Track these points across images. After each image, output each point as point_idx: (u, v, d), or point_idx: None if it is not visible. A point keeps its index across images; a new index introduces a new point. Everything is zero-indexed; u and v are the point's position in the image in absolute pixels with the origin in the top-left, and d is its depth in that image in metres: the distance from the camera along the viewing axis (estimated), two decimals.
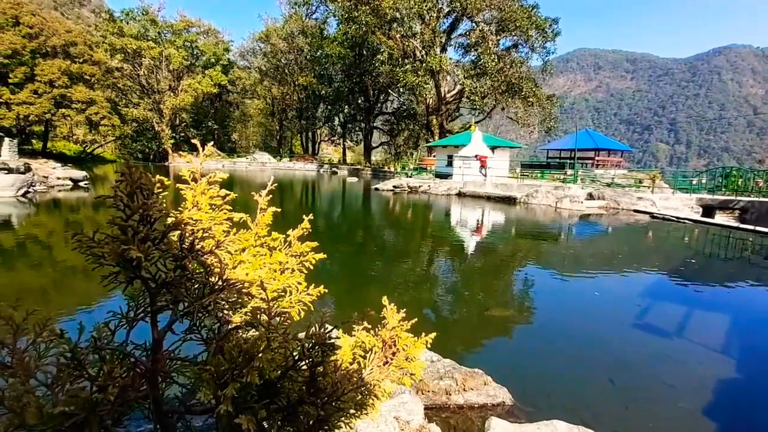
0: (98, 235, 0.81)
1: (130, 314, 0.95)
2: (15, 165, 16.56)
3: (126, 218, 0.79)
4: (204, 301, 0.86)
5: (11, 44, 28.10)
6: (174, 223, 0.86)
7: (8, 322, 0.76)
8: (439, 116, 39.75)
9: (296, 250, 1.35)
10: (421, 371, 1.03)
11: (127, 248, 0.71)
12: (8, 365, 0.73)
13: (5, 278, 6.50)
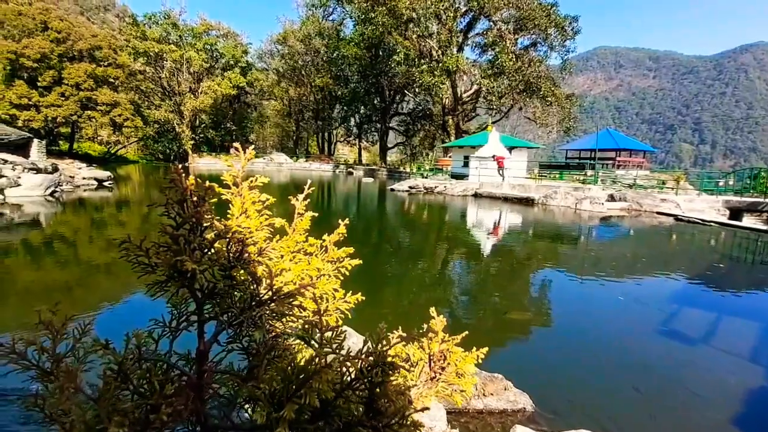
0: (145, 243, 0.79)
1: (173, 323, 0.92)
2: (43, 165, 17.15)
3: (177, 227, 0.77)
4: (254, 313, 0.83)
5: (40, 48, 29.16)
6: (223, 232, 0.83)
7: (48, 326, 0.75)
8: (455, 116, 39.48)
9: (332, 256, 1.31)
10: (472, 388, 0.96)
11: (181, 259, 0.69)
12: (48, 371, 0.72)
13: (34, 275, 6.73)
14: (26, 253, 8.10)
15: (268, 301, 0.83)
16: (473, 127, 44.76)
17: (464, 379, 0.85)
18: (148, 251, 0.77)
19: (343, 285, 1.37)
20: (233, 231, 0.83)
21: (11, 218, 11.04)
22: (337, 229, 1.40)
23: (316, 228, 1.59)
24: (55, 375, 0.71)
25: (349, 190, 27.18)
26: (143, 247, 0.76)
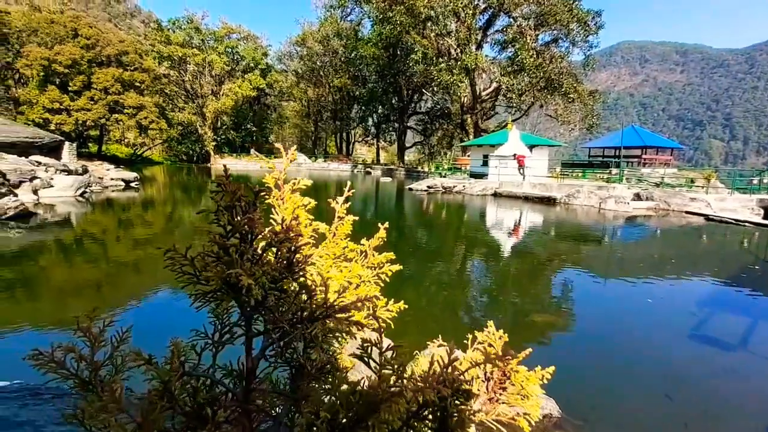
0: (190, 252, 0.76)
1: (215, 335, 0.87)
2: (74, 167, 17.83)
3: (227, 235, 0.73)
4: (308, 329, 0.76)
5: (71, 55, 30.30)
6: (275, 240, 0.76)
7: (86, 333, 0.73)
8: (474, 115, 39.04)
9: (373, 262, 1.26)
10: (539, 411, 0.82)
11: (235, 273, 0.64)
12: (87, 381, 0.70)
13: (66, 273, 6.98)
14: (59, 251, 8.42)
15: (322, 315, 0.76)
16: (492, 125, 44.18)
17: (529, 401, 0.73)
18: (194, 260, 0.73)
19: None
20: (284, 239, 0.77)
21: (45, 218, 11.51)
22: (377, 233, 1.34)
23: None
24: (93, 385, 0.69)
25: (367, 190, 27.24)
26: (188, 257, 0.73)
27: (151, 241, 9.88)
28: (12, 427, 0.96)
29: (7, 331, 4.55)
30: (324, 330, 0.76)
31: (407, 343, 4.33)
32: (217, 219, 0.71)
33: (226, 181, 0.69)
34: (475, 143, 31.21)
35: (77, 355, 0.68)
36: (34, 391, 1.34)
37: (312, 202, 1.09)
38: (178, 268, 0.74)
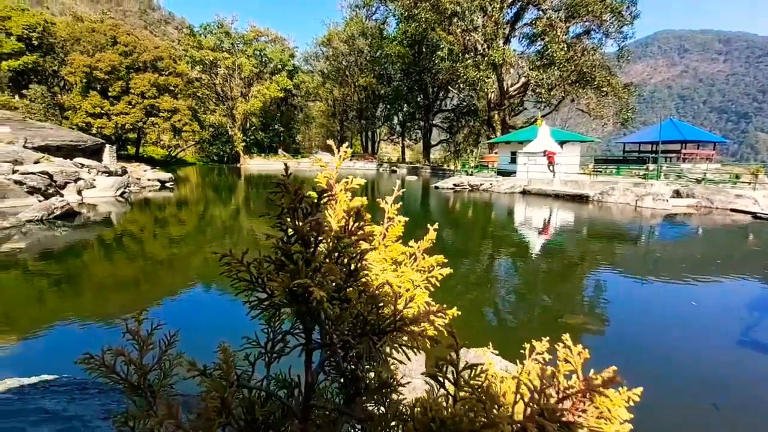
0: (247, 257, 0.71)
1: (268, 345, 0.81)
2: (114, 168, 18.72)
3: (289, 240, 0.66)
4: (378, 344, 0.67)
5: (110, 62, 31.82)
6: (341, 245, 0.67)
7: (134, 336, 0.72)
8: (501, 111, 38.25)
9: (423, 265, 1.18)
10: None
11: (303, 283, 0.57)
12: (136, 385, 0.69)
13: (107, 269, 7.33)
14: (101, 249, 8.86)
15: (391, 327, 0.66)
16: (520, 121, 43.14)
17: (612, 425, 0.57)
18: (250, 266, 0.69)
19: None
20: (348, 244, 0.68)
21: (88, 217, 12.14)
22: (427, 235, 1.27)
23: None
24: (142, 389, 0.67)
25: (391, 189, 27.22)
26: (245, 262, 0.68)
27: (185, 239, 10.24)
28: (62, 421, 0.99)
29: (54, 325, 4.82)
30: (393, 344, 0.66)
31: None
32: (280, 223, 0.63)
33: (286, 180, 0.62)
34: (502, 140, 30.57)
35: (126, 359, 0.66)
36: (81, 385, 1.39)
37: (363, 200, 1.03)
38: (234, 274, 0.69)
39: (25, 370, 3.69)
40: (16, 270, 6.86)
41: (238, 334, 0.85)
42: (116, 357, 0.67)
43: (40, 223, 10.22)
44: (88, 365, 0.66)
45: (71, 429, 0.95)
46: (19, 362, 3.92)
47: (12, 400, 1.17)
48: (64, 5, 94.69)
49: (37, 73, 33.25)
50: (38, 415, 1.02)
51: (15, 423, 0.95)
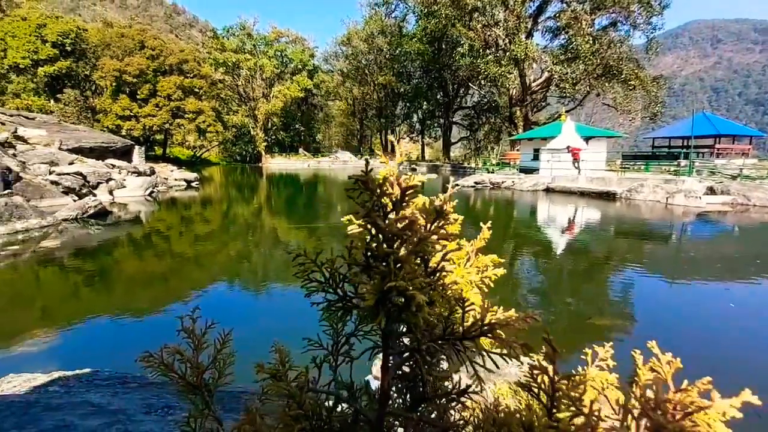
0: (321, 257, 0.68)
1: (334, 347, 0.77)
2: (143, 169, 19.35)
3: (377, 239, 0.60)
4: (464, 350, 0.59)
5: (139, 65, 32.87)
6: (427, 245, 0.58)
7: (190, 335, 0.72)
8: (523, 107, 37.52)
9: (477, 265, 1.13)
10: None
11: (398, 286, 0.53)
12: (195, 385, 0.68)
13: (138, 266, 7.58)
14: (132, 246, 9.17)
15: (476, 332, 0.58)
16: (543, 117, 42.20)
17: None
18: (323, 267, 0.66)
19: None
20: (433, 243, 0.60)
21: (119, 216, 12.59)
22: (480, 234, 1.21)
23: None
24: (199, 388, 0.66)
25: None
26: (318, 262, 0.66)
27: (211, 236, 10.49)
28: (107, 414, 1.02)
29: (90, 319, 5.01)
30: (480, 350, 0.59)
31: None
32: (368, 223, 0.57)
33: (368, 177, 0.56)
34: (525, 137, 29.98)
35: (185, 359, 0.65)
36: (122, 379, 1.43)
37: (421, 198, 0.95)
38: (308, 274, 0.66)
39: (65, 362, 3.85)
40: (53, 266, 7.18)
41: (272, 331, 0.84)
42: (173, 355, 0.66)
43: (75, 221, 10.66)
44: (147, 363, 0.65)
45: (117, 422, 0.97)
46: (59, 355, 4.09)
47: (60, 393, 1.22)
48: (95, 12, 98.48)
49: (71, 78, 34.71)
50: (85, 408, 1.06)
51: (64, 416, 0.99)
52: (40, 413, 0.97)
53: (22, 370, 3.70)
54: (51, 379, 1.44)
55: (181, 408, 1.17)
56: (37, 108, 29.70)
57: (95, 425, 0.94)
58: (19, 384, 1.40)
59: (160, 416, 1.06)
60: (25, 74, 32.20)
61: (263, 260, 8.21)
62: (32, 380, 1.46)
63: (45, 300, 5.75)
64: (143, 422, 1.01)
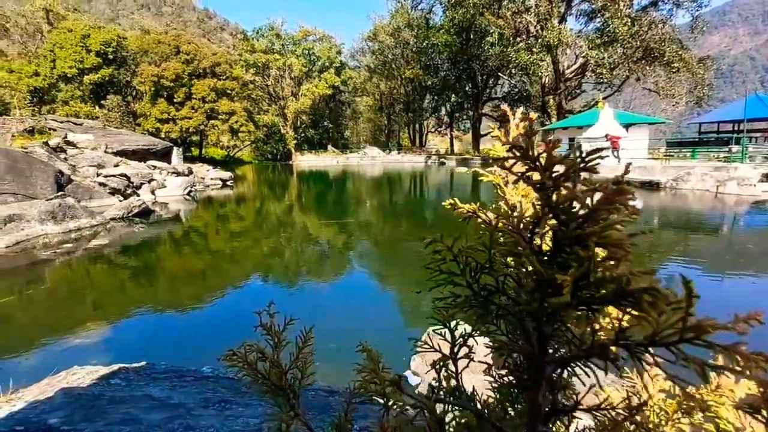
0: (457, 245, 0.58)
1: (450, 349, 0.67)
2: (181, 169, 20.14)
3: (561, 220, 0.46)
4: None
5: (175, 70, 34.16)
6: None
7: (269, 332, 0.68)
8: (557, 95, 36.19)
9: None
10: None
11: (612, 274, 0.38)
12: (279, 386, 0.63)
13: (179, 262, 7.89)
14: (175, 242, 9.57)
15: (675, 336, 0.39)
16: (578, 105, 40.55)
17: None
18: (457, 256, 0.56)
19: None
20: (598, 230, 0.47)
21: (160, 214, 13.16)
22: None
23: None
24: (283, 389, 0.61)
25: (441, 181, 26.81)
26: (453, 250, 0.56)
27: (245, 233, 10.78)
28: (168, 408, 1.03)
29: (138, 312, 5.25)
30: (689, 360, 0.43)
31: None
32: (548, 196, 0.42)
33: (533, 154, 0.41)
34: (559, 126, 28.92)
35: (270, 359, 0.60)
36: (178, 373, 1.46)
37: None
38: (437, 265, 0.56)
39: (118, 354, 4.05)
40: (103, 263, 7.59)
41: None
42: (254, 353, 0.62)
43: (121, 220, 11.24)
44: (230, 362, 0.61)
45: (178, 417, 0.98)
46: (112, 347, 4.31)
47: (122, 386, 1.26)
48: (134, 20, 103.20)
49: (113, 85, 36.55)
50: (147, 402, 1.08)
51: (128, 409, 1.01)
52: (106, 406, 1.00)
53: (79, 361, 3.91)
54: (112, 371, 1.49)
55: (237, 402, 1.17)
56: (84, 114, 31.51)
57: (158, 419, 0.95)
58: (83, 376, 1.46)
59: (218, 410, 1.07)
60: (73, 83, 34.20)
61: (298, 256, 8.35)
62: (95, 372, 1.52)
63: (97, 294, 6.08)
64: (202, 417, 1.02)
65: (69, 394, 1.06)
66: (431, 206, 15.68)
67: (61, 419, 0.90)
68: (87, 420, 0.92)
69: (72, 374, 1.54)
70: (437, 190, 21.69)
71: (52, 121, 21.18)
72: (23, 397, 1.29)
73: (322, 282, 6.66)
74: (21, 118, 20.99)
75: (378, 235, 10.29)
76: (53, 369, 3.69)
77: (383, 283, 6.76)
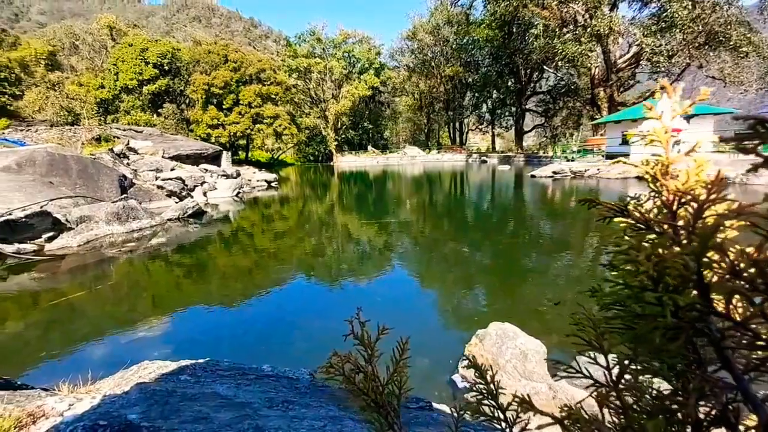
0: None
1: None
2: (230, 172, 21.11)
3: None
4: None
5: (223, 78, 35.88)
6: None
7: (362, 342, 0.65)
8: (608, 87, 34.24)
9: None
10: None
11: None
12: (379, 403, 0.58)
13: (228, 260, 8.24)
14: (223, 241, 10.03)
15: None
16: (631, 97, 38.13)
17: None
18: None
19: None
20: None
21: (212, 215, 13.86)
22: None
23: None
24: (382, 406, 0.57)
25: (482, 179, 26.18)
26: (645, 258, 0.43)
27: (289, 232, 11.09)
28: (236, 407, 1.06)
29: (196, 308, 5.54)
30: None
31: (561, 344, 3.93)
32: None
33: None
34: (611, 119, 27.32)
35: (369, 374, 0.56)
36: (240, 370, 1.49)
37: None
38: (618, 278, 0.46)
39: (178, 348, 4.28)
40: (160, 260, 8.09)
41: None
42: (343, 363, 0.57)
43: (177, 221, 11.94)
44: (327, 375, 0.58)
45: (246, 417, 1.00)
46: (175, 340, 4.57)
47: (191, 383, 1.31)
48: (186, 32, 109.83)
49: (169, 94, 39.04)
50: (215, 400, 1.11)
51: (199, 407, 1.04)
52: (178, 403, 1.04)
53: (143, 352, 4.17)
54: (179, 367, 1.56)
55: (299, 404, 1.18)
56: (143, 122, 33.92)
57: (228, 418, 0.97)
58: (153, 370, 1.55)
59: (282, 411, 1.07)
60: (133, 93, 36.91)
61: (340, 255, 8.46)
62: (164, 367, 1.61)
63: (156, 290, 6.49)
64: (269, 417, 1.02)
65: (144, 390, 1.11)
66: (472, 205, 15.35)
67: (140, 415, 0.94)
68: (163, 417, 0.95)
69: (143, 368, 1.63)
70: (478, 189, 21.21)
71: (116, 130, 22.96)
72: (101, 389, 1.38)
73: (364, 281, 6.70)
74: (89, 128, 22.95)
75: (418, 235, 10.21)
76: (120, 360, 3.96)
77: (425, 282, 6.69)
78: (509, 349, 3.20)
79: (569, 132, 44.70)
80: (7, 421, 1.03)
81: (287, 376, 1.51)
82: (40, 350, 4.38)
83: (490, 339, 3.36)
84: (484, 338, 3.42)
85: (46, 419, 1.06)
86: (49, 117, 30.99)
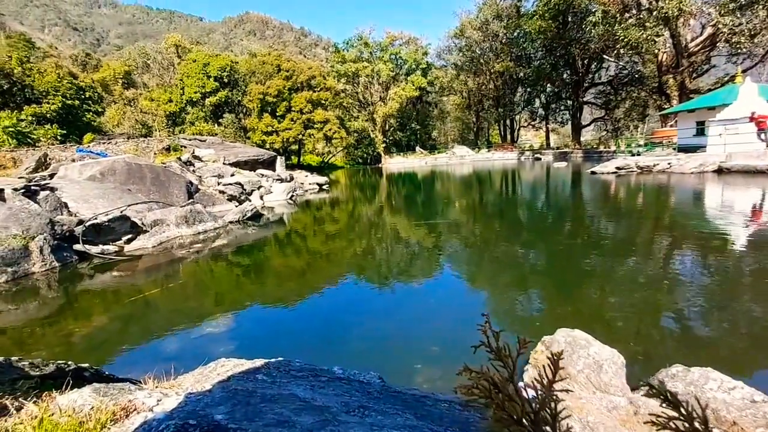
0: None
1: None
2: (284, 176, 21.97)
3: None
4: None
5: (277, 87, 37.52)
6: None
7: (499, 357, 0.59)
8: (678, 74, 31.36)
9: None
10: None
11: None
12: (517, 420, 0.52)
13: (284, 260, 8.54)
14: (279, 242, 10.43)
15: None
16: (705, 83, 34.68)
17: None
18: None
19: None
20: None
21: (268, 217, 14.49)
22: None
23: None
24: (535, 424, 0.50)
25: (536, 177, 25.02)
26: None
27: (340, 234, 11.29)
28: (315, 411, 1.05)
29: (258, 306, 5.78)
30: None
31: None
32: None
33: None
34: (683, 108, 24.98)
35: (513, 398, 0.50)
36: (313, 372, 1.50)
37: None
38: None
39: (240, 345, 4.47)
40: (223, 261, 8.57)
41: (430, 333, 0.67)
42: (480, 380, 0.51)
43: (237, 223, 12.62)
44: (469, 396, 0.53)
45: (327, 422, 0.98)
46: (235, 337, 4.79)
47: (268, 383, 1.33)
48: (243, 45, 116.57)
49: (228, 105, 41.55)
50: (295, 402, 1.12)
51: (280, 410, 1.05)
52: (259, 404, 1.05)
53: (212, 348, 4.40)
54: (255, 366, 1.60)
55: (375, 410, 1.14)
56: (206, 132, 36.36)
57: (309, 423, 0.96)
58: (230, 368, 1.60)
59: (359, 417, 1.05)
60: (197, 105, 39.73)
61: (390, 256, 8.45)
62: (240, 365, 1.66)
63: (221, 288, 6.87)
64: (348, 423, 1.00)
65: (226, 389, 1.14)
66: (525, 205, 14.70)
67: (226, 416, 0.96)
68: (248, 419, 0.97)
69: (221, 366, 1.70)
70: (532, 188, 20.30)
71: (183, 140, 24.79)
72: (182, 384, 1.45)
73: (416, 282, 6.62)
74: (160, 139, 24.99)
75: (468, 237, 9.94)
76: (191, 354, 4.21)
77: (478, 285, 6.48)
78: (581, 358, 2.97)
79: (633, 124, 41.58)
80: (105, 414, 1.11)
81: (358, 379, 1.49)
82: (122, 343, 4.79)
83: (558, 346, 3.15)
84: (551, 345, 3.21)
85: (137, 414, 1.12)
86: (126, 130, 34.27)
